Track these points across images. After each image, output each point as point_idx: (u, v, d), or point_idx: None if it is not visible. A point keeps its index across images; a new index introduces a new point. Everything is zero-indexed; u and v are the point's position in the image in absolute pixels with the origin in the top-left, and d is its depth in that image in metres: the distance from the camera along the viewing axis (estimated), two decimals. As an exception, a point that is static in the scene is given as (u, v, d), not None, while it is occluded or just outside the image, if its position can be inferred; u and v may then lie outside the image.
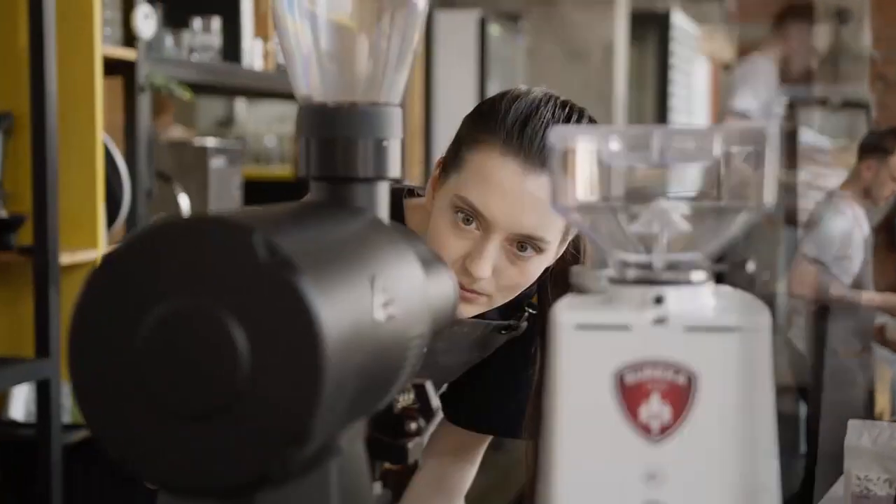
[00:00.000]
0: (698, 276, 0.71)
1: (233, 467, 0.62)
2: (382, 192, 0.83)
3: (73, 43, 2.47)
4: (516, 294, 1.31)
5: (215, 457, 0.62)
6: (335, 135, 0.81)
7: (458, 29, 5.10)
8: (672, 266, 0.72)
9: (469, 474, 1.50)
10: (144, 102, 2.69)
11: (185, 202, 2.92)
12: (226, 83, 3.21)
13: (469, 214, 1.25)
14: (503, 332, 1.42)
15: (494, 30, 5.08)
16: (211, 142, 3.19)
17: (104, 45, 2.56)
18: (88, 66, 2.48)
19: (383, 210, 0.83)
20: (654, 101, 7.50)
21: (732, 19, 10.18)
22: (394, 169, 0.83)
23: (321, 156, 0.82)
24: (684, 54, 7.92)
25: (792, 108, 4.66)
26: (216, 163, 3.07)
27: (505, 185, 1.23)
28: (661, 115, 7.51)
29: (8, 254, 2.39)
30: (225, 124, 5.88)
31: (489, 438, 1.52)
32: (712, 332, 0.68)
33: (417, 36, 0.85)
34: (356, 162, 0.81)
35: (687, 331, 0.68)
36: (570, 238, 1.34)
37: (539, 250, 1.26)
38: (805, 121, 4.58)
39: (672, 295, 0.70)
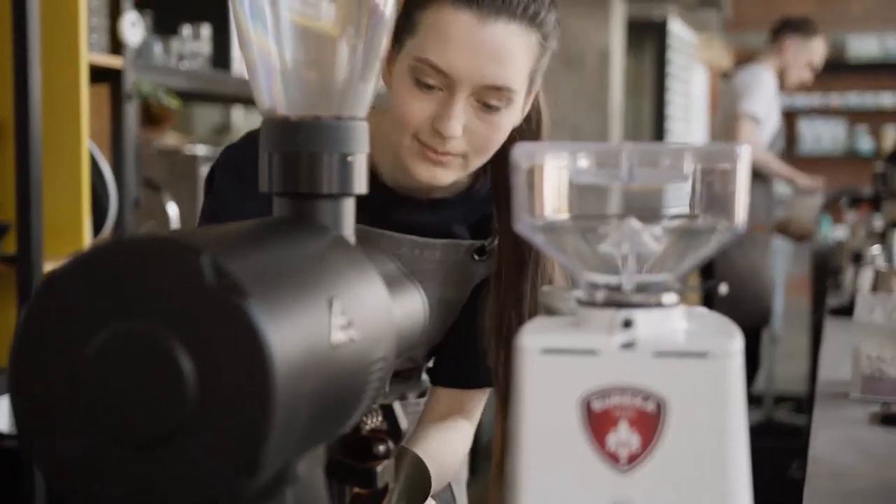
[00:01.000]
0: (669, 298, 0.69)
1: (180, 497, 0.60)
2: (348, 208, 0.81)
3: (58, 50, 2.45)
4: (489, 154, 1.28)
5: (162, 486, 0.60)
6: (299, 149, 0.79)
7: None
8: (642, 288, 0.69)
9: (468, 434, 1.45)
10: (131, 110, 2.67)
11: (173, 211, 2.90)
12: (215, 91, 3.18)
13: (430, 75, 1.23)
14: (476, 256, 1.39)
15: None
16: (202, 150, 3.17)
17: (91, 53, 2.54)
18: (74, 74, 2.45)
19: (349, 227, 0.80)
20: (652, 109, 7.48)
21: (730, 27, 10.17)
22: (359, 185, 0.81)
23: (284, 171, 0.79)
24: (682, 62, 7.91)
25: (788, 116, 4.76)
26: (206, 171, 3.04)
27: (462, 38, 1.21)
28: (659, 122, 7.49)
29: (-8, 262, 2.37)
30: (221, 131, 5.86)
31: (485, 393, 1.48)
32: (682, 357, 0.66)
33: (384, 46, 0.83)
34: (320, 177, 0.79)
35: (656, 356, 0.66)
36: (535, 90, 1.32)
37: (507, 101, 1.23)
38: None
39: (641, 318, 0.67)
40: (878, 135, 10.06)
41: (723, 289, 0.69)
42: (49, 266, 2.39)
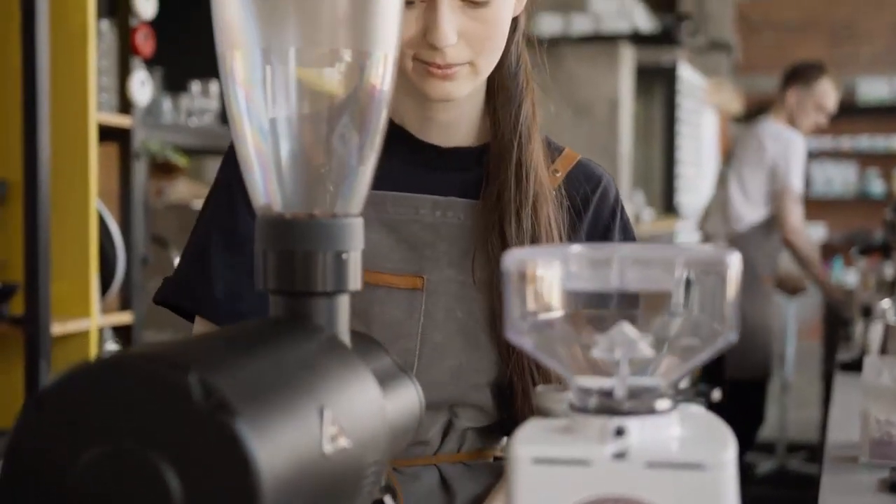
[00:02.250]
0: (662, 404, 0.68)
1: None
2: (342, 305, 0.81)
3: (67, 110, 2.47)
4: (496, 53, 1.20)
5: None
6: (293, 248, 0.79)
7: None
8: (635, 394, 0.69)
9: None
10: (140, 169, 2.68)
11: (181, 267, 2.89)
12: (224, 146, 3.20)
13: None
14: None
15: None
16: (210, 204, 3.17)
17: (100, 113, 2.55)
18: (83, 134, 2.47)
19: (343, 324, 0.80)
20: (662, 154, 7.49)
21: (740, 71, 10.21)
22: (354, 282, 0.81)
23: (279, 269, 0.79)
24: (691, 106, 7.93)
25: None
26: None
27: None
28: (669, 168, 7.50)
29: (-1, 324, 2.37)
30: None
31: None
32: (675, 468, 0.65)
33: (378, 142, 0.83)
34: (315, 276, 0.79)
35: (648, 467, 0.65)
36: None
37: None
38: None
39: (634, 426, 0.67)
40: (890, 177, 10.05)
41: (716, 395, 0.69)
42: (57, 327, 2.39)
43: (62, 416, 0.60)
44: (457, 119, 1.28)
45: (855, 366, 2.86)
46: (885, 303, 3.16)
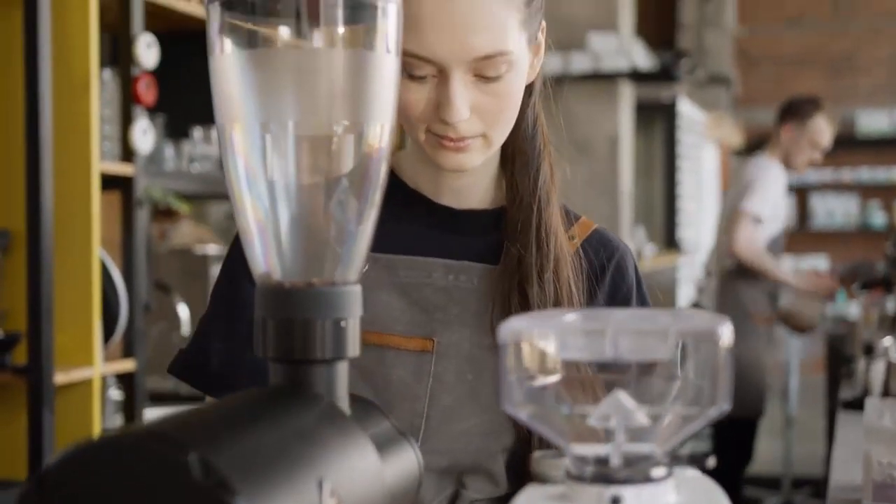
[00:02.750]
0: (658, 472, 0.69)
1: None
2: (341, 372, 0.81)
3: (70, 159, 2.49)
4: (509, 124, 1.19)
5: None
6: (292, 316, 0.80)
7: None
8: (630, 461, 0.70)
9: None
10: (142, 216, 2.70)
11: (184, 312, 2.91)
12: (225, 192, 3.22)
13: (417, 66, 1.13)
14: None
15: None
16: (213, 249, 3.19)
17: (102, 161, 2.57)
18: (86, 183, 2.49)
19: (342, 390, 0.81)
20: (663, 189, 7.52)
21: (739, 104, 10.25)
22: (353, 348, 0.82)
23: (278, 337, 0.80)
24: (692, 141, 7.96)
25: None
26: (217, 270, 3.06)
27: (433, 17, 1.11)
28: (670, 202, 7.52)
29: (2, 373, 2.38)
30: (233, 218, 5.90)
31: None
32: (671, 537, 0.66)
33: (375, 209, 0.84)
34: (314, 343, 0.80)
35: (644, 536, 0.66)
36: (539, 38, 1.22)
37: (506, 65, 1.14)
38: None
39: (630, 494, 0.68)
40: (891, 209, 10.08)
41: (710, 462, 0.70)
42: (60, 376, 2.40)
43: (63, 494, 0.61)
44: (471, 184, 1.28)
45: (857, 404, 2.86)
46: (887, 340, 3.16)
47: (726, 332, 0.69)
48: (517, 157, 1.27)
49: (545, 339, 0.71)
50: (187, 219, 4.12)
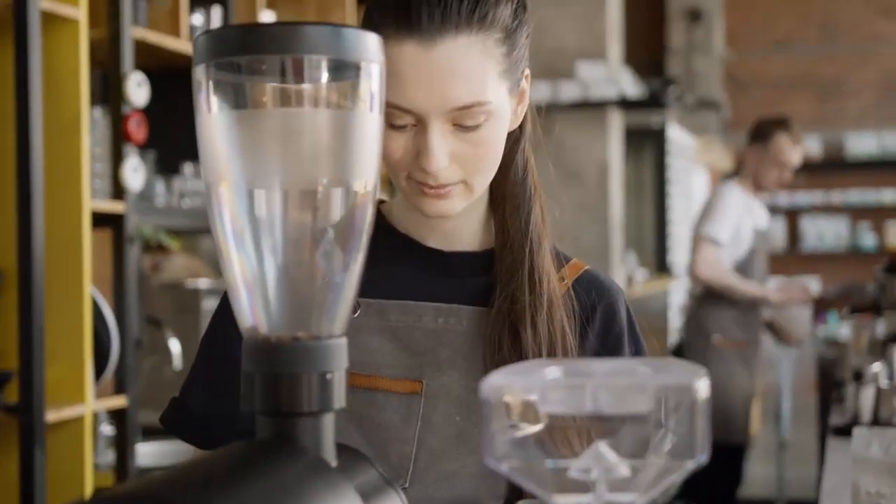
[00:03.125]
0: (638, 524, 0.71)
1: None
2: (328, 424, 0.83)
3: (61, 198, 2.50)
4: (490, 171, 1.20)
5: None
6: (279, 370, 0.81)
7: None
8: (612, 513, 0.71)
9: None
10: (133, 253, 2.71)
11: (175, 347, 2.92)
12: (216, 226, 3.22)
13: (397, 116, 1.15)
14: None
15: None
16: (204, 283, 3.20)
17: (93, 199, 2.59)
18: (77, 221, 2.50)
19: (328, 442, 0.82)
20: (653, 214, 7.55)
21: (730, 128, 10.31)
22: (339, 400, 0.83)
23: (265, 391, 0.82)
24: (682, 165, 8.00)
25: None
26: (209, 304, 3.08)
27: (412, 69, 1.13)
28: (660, 226, 7.55)
29: (-6, 412, 2.39)
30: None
31: None
32: (650, 590, 0.67)
33: (359, 266, 0.86)
34: (300, 397, 0.81)
35: (624, 590, 0.67)
36: (521, 86, 1.23)
37: (485, 115, 1.15)
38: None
39: (612, 545, 0.69)
40: (881, 230, 10.12)
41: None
42: (51, 414, 2.40)
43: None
44: (459, 226, 1.29)
45: (847, 430, 2.86)
46: (876, 366, 3.18)
47: (703, 386, 0.70)
48: (507, 200, 1.28)
49: (527, 393, 0.72)
50: (179, 252, 4.13)
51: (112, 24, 2.70)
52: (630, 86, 5.68)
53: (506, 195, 1.28)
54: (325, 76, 0.81)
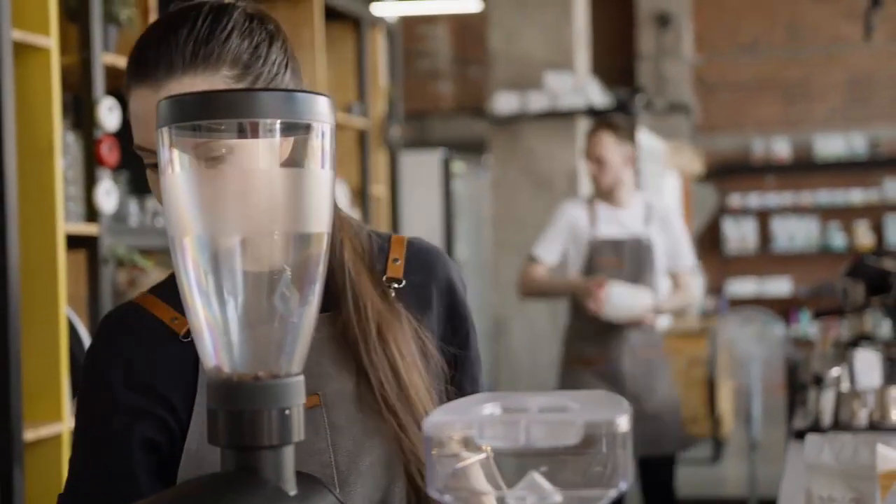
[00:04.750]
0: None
1: None
2: (288, 456, 0.90)
3: (36, 221, 2.55)
4: None
5: None
6: (241, 407, 0.88)
7: (423, 168, 5.24)
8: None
9: None
10: (107, 274, 2.76)
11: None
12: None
13: (148, 157, 1.21)
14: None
15: (458, 166, 5.20)
16: (177, 299, 3.25)
17: (67, 222, 2.64)
18: (51, 244, 2.55)
19: (288, 472, 0.89)
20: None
21: (700, 131, 10.42)
22: (298, 433, 0.90)
23: (229, 427, 0.88)
24: (653, 170, 8.08)
25: None
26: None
27: (148, 112, 1.19)
28: (632, 231, 7.63)
29: (-28, 432, 2.43)
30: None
31: None
32: None
33: (314, 306, 0.92)
34: (261, 432, 0.88)
35: None
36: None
37: (228, 149, 1.15)
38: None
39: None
40: (850, 230, 10.26)
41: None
42: (29, 433, 2.46)
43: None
44: None
45: (807, 433, 2.93)
46: (836, 370, 3.25)
47: (624, 420, 0.77)
48: None
49: (466, 429, 0.79)
50: (154, 267, 4.18)
51: (83, 51, 2.75)
52: (597, 95, 5.76)
53: None
54: (278, 137, 0.88)
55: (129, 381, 1.25)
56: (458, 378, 1.35)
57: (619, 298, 3.98)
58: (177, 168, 0.88)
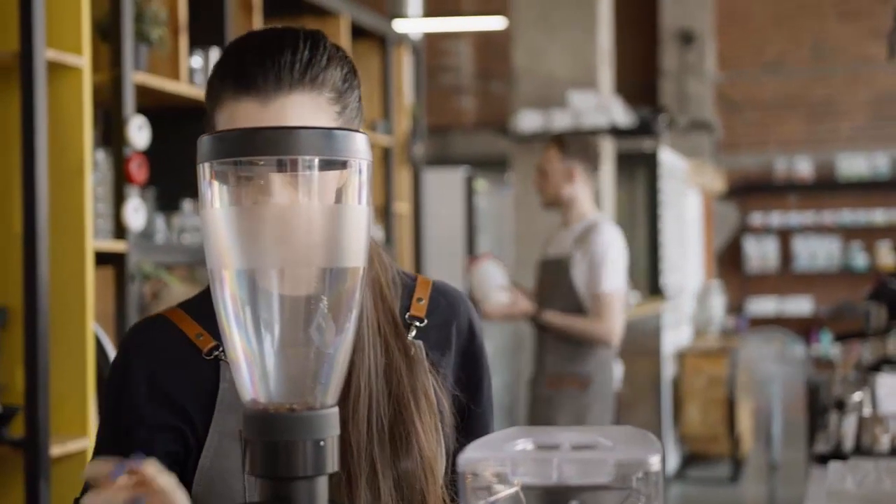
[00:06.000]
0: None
1: None
2: (322, 486, 0.91)
3: (65, 238, 2.58)
4: None
5: None
6: (277, 438, 0.90)
7: (446, 185, 5.26)
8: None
9: None
10: (134, 290, 2.79)
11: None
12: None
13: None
14: None
15: (481, 185, 5.22)
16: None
17: (96, 240, 2.67)
18: (80, 261, 2.58)
19: (322, 502, 0.91)
20: (646, 237, 7.63)
21: (722, 150, 10.41)
22: (332, 464, 0.91)
23: (264, 457, 0.90)
24: (674, 188, 8.08)
25: None
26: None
27: (248, 124, 1.20)
28: (653, 249, 7.63)
29: (0, 447, 2.46)
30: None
31: None
32: None
33: (349, 338, 0.94)
34: (296, 463, 0.90)
35: None
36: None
37: (324, 164, 1.24)
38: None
39: None
40: (872, 250, 10.21)
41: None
42: (55, 448, 2.48)
43: None
44: None
45: (829, 458, 2.92)
46: (858, 395, 3.24)
47: (656, 460, 0.79)
48: None
49: (499, 465, 0.81)
50: (178, 280, 4.21)
51: (114, 70, 2.79)
52: (621, 114, 5.77)
53: None
54: (316, 173, 0.89)
55: (151, 394, 1.27)
56: (470, 423, 1.35)
57: (480, 275, 3.96)
58: (216, 203, 0.90)
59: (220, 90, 1.23)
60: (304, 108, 1.22)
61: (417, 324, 1.34)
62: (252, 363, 0.91)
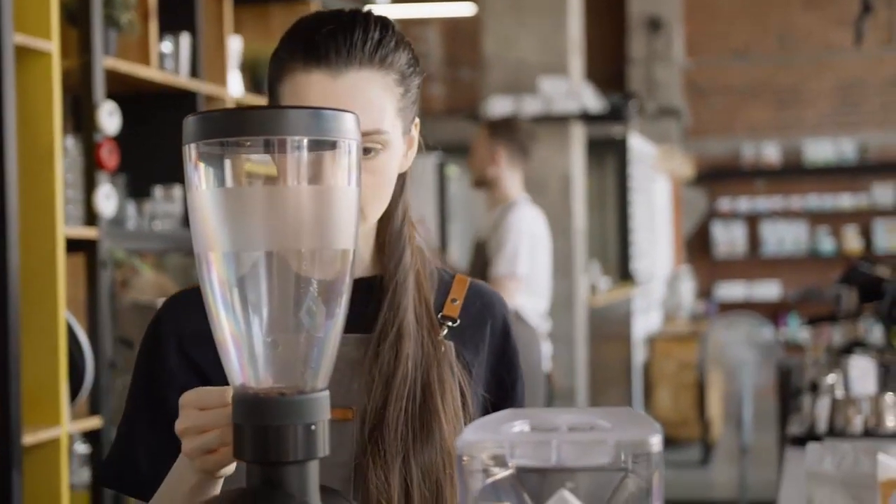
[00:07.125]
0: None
1: None
2: (313, 470, 0.90)
3: (36, 225, 2.55)
4: (383, 201, 1.27)
5: None
6: (267, 423, 0.88)
7: (417, 171, 5.24)
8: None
9: None
10: (106, 277, 2.76)
11: (148, 368, 2.96)
12: (187, 247, 3.29)
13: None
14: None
15: (452, 171, 5.20)
16: (174, 302, 3.24)
17: (67, 226, 2.64)
18: (51, 247, 2.55)
19: (313, 487, 0.90)
20: (616, 222, 7.65)
21: (690, 135, 10.44)
22: (323, 448, 0.90)
23: (254, 442, 0.89)
24: (643, 173, 8.11)
25: None
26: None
27: (319, 96, 1.22)
28: (623, 235, 7.66)
29: (-29, 437, 2.43)
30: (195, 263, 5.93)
31: None
32: None
33: (340, 322, 0.93)
34: (287, 447, 0.88)
35: None
36: (413, 135, 1.32)
37: (382, 144, 1.24)
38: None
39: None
40: (839, 235, 10.29)
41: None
42: (28, 437, 2.45)
43: None
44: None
45: (803, 441, 2.94)
46: (831, 377, 3.26)
47: (656, 441, 0.78)
48: (387, 244, 1.33)
49: (497, 448, 0.80)
50: (149, 267, 4.17)
51: (83, 55, 2.75)
52: (591, 100, 5.77)
53: (386, 240, 1.34)
54: (305, 154, 0.88)
55: (181, 362, 1.27)
56: None
57: None
58: (202, 185, 0.88)
59: (288, 62, 1.24)
60: (373, 84, 1.24)
61: (450, 324, 1.33)
62: (241, 347, 0.90)
